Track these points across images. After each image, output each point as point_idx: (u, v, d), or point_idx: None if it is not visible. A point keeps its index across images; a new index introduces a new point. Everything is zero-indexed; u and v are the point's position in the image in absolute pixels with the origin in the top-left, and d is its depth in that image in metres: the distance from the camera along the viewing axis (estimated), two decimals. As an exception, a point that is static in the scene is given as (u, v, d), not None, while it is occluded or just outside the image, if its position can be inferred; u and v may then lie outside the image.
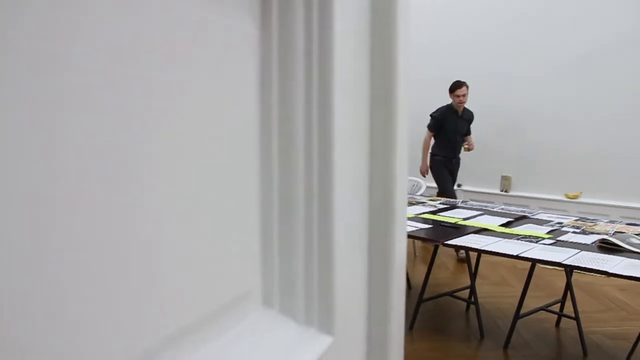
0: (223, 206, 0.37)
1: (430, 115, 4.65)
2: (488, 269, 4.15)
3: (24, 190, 0.22)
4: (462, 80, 4.44)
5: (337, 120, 0.41)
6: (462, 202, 3.90)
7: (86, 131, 0.25)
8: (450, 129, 4.61)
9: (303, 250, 0.42)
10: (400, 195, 0.46)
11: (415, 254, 4.71)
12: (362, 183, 0.46)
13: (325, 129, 0.41)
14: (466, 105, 4.55)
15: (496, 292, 3.70)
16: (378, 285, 0.48)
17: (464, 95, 4.44)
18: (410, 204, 3.71)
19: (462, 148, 4.67)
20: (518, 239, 2.63)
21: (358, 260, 0.47)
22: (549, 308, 3.03)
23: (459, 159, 4.77)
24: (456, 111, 4.56)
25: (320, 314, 0.42)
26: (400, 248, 0.48)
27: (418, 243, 4.72)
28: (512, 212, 3.40)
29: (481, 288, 3.70)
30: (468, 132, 4.69)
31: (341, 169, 0.41)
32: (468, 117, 4.68)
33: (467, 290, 3.29)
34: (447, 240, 2.68)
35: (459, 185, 5.54)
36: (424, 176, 4.85)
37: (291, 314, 0.43)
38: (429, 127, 4.65)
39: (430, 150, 4.76)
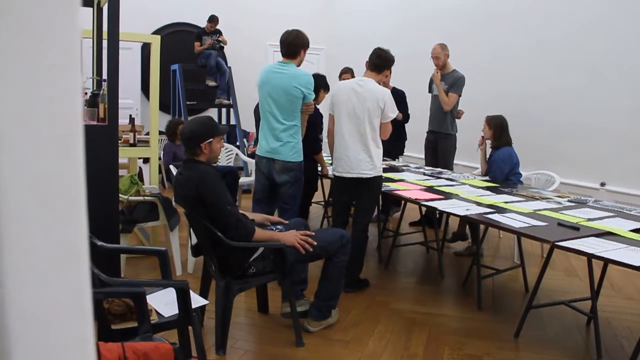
0: None
1: None
2: (623, 279, 3.61)
3: None
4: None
5: None
6: (595, 201, 3.42)
7: None
8: None
9: None
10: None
11: (542, 255, 4.27)
12: None
13: None
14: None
15: (628, 307, 3.19)
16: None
17: None
18: (534, 199, 3.36)
19: None
20: (647, 247, 2.22)
21: None
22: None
23: None
24: None
25: None
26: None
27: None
28: (652, 217, 2.90)
29: (610, 300, 3.24)
30: None
31: None
32: None
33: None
34: (560, 241, 2.35)
35: (602, 184, 4.89)
36: None
37: None
38: None
39: None
